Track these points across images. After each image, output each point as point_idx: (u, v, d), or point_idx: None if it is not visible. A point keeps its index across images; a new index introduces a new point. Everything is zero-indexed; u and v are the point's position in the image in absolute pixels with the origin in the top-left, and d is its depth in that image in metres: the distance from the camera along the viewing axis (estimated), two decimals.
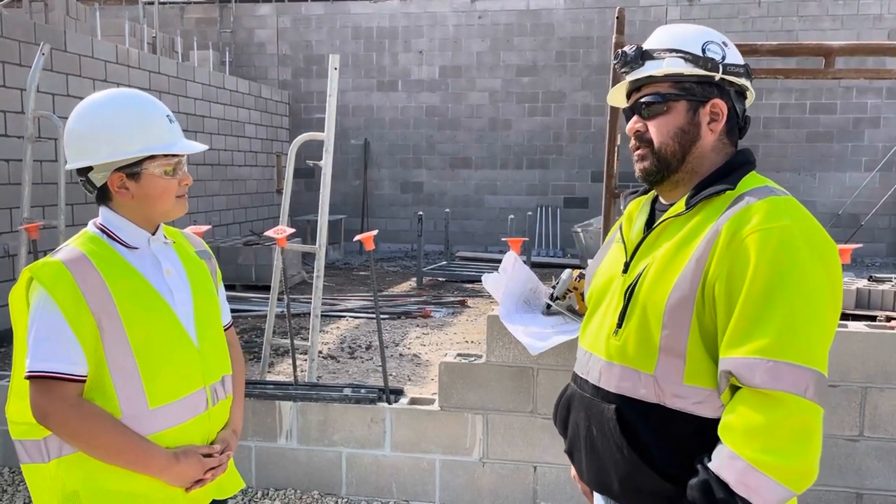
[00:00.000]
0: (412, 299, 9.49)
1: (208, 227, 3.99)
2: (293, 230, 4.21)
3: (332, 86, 4.51)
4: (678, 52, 1.58)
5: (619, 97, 1.74)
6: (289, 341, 4.30)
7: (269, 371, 5.25)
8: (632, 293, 1.56)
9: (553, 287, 3.49)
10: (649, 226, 1.66)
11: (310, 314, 4.68)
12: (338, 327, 8.04)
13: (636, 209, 1.74)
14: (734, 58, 1.61)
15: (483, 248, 14.19)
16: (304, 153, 7.90)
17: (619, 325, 1.58)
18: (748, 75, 1.61)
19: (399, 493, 3.72)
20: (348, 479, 3.76)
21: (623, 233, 1.70)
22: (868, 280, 6.88)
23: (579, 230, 11.66)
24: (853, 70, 4.09)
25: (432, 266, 11.82)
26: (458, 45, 14.53)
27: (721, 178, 1.56)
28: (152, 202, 1.77)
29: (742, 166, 1.59)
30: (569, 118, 14.30)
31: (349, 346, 7.18)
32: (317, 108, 14.79)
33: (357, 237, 3.99)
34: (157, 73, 10.51)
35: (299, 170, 10.67)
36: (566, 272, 3.43)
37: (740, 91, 1.62)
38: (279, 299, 4.82)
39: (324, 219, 4.60)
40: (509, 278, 3.41)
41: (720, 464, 1.40)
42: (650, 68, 1.60)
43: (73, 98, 8.43)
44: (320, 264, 4.57)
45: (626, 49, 1.63)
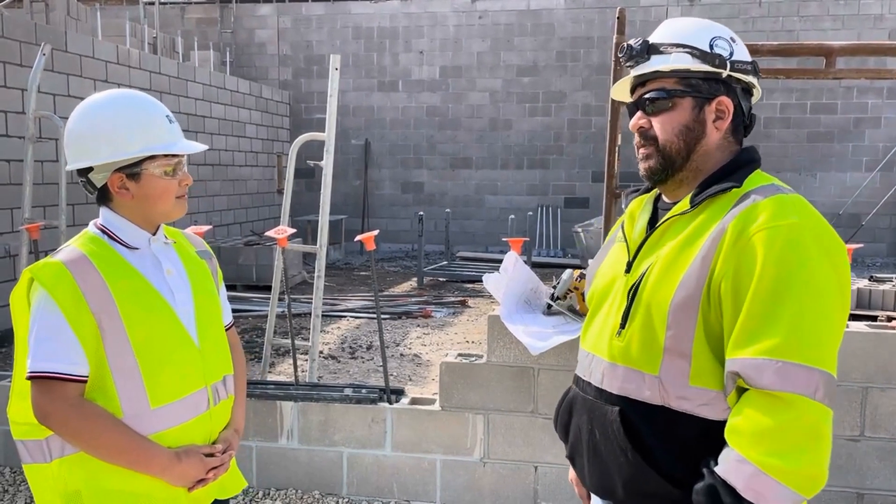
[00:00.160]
0: (413, 299, 9.49)
1: (209, 227, 4.00)
2: (294, 230, 4.21)
3: (332, 86, 4.51)
4: (685, 46, 1.54)
5: (623, 92, 1.70)
6: (290, 341, 4.30)
7: (269, 371, 5.25)
8: (635, 293, 1.53)
9: (554, 287, 3.49)
10: (652, 225, 1.63)
11: (311, 314, 4.68)
12: (338, 327, 8.04)
13: (638, 208, 1.70)
14: (742, 54, 1.57)
15: (483, 248, 14.19)
16: (304, 153, 7.90)
17: (623, 325, 1.54)
18: (755, 72, 1.57)
19: (400, 493, 3.72)
20: (349, 479, 3.76)
21: (625, 232, 1.66)
22: (869, 280, 6.89)
23: (580, 230, 11.66)
24: (854, 70, 4.08)
25: (433, 266, 11.82)
26: (458, 45, 14.53)
27: (726, 175, 1.53)
28: (152, 202, 1.77)
29: (747, 164, 1.55)
30: (569, 118, 14.30)
31: (350, 346, 7.19)
32: (317, 108, 14.80)
33: (358, 237, 3.99)
34: (158, 73, 10.52)
35: (300, 170, 10.66)
36: (567, 272, 3.43)
37: (746, 88, 1.58)
38: (280, 299, 4.82)
39: (325, 219, 4.60)
40: (510, 278, 3.41)
41: (727, 468, 1.37)
42: (656, 63, 1.56)
43: (74, 98, 8.44)
44: (321, 264, 4.57)
45: (631, 42, 1.58)
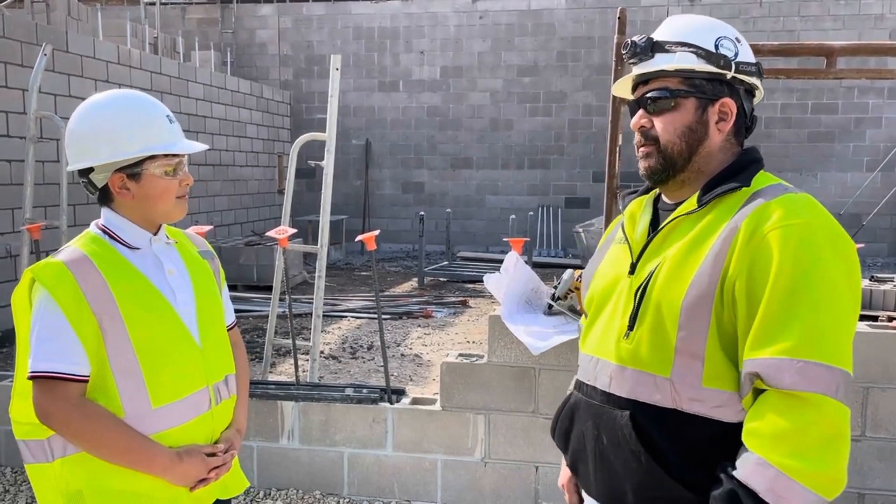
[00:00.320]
0: (414, 299, 9.49)
1: (210, 227, 4.00)
2: (295, 230, 4.21)
3: (333, 86, 4.51)
4: (690, 46, 1.52)
5: (624, 89, 1.68)
6: (290, 341, 4.30)
7: (270, 371, 5.25)
8: (643, 294, 1.50)
9: (555, 287, 3.50)
10: (654, 225, 1.61)
11: (311, 314, 4.68)
12: (339, 327, 8.04)
13: (638, 209, 1.67)
14: (746, 55, 1.55)
15: (484, 248, 14.19)
16: (305, 153, 7.90)
17: (631, 327, 1.51)
18: (759, 74, 1.56)
19: (401, 493, 3.72)
20: (350, 479, 3.76)
21: (626, 233, 1.64)
22: (870, 280, 6.87)
23: (580, 230, 11.66)
24: (855, 70, 4.08)
25: (434, 266, 11.82)
26: (459, 45, 14.54)
27: (732, 176, 1.51)
28: (153, 202, 1.77)
29: (752, 164, 1.54)
30: (570, 118, 14.30)
31: (351, 347, 7.19)
32: (318, 108, 14.80)
33: (359, 237, 3.99)
34: (159, 73, 10.52)
35: (301, 170, 10.66)
36: (568, 272, 3.43)
37: (749, 89, 1.57)
38: (281, 299, 4.82)
39: (325, 219, 4.60)
40: (511, 278, 3.41)
41: (747, 471, 1.33)
42: (660, 61, 1.54)
43: (75, 99, 8.44)
44: (322, 264, 4.57)
45: (635, 39, 1.56)
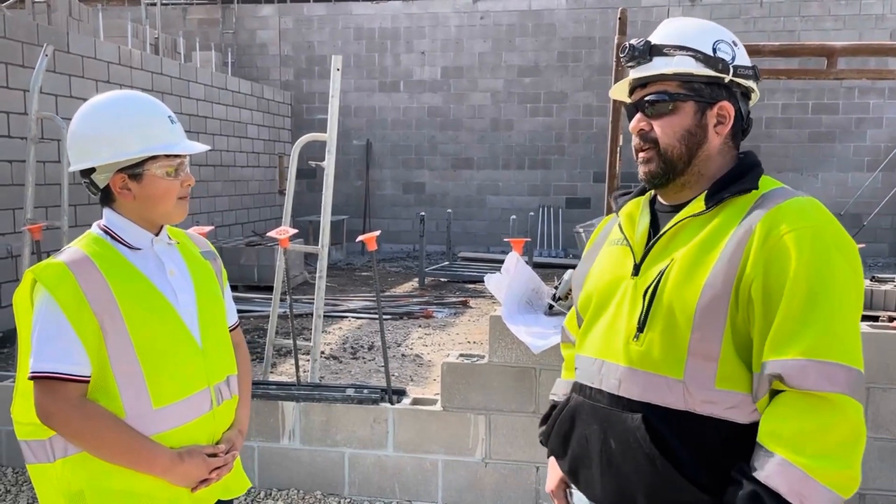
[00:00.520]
0: (414, 300, 9.49)
1: (211, 227, 4.00)
2: (295, 231, 4.21)
3: (334, 86, 4.51)
4: (688, 49, 1.53)
5: (622, 91, 1.69)
6: (291, 342, 4.31)
7: (271, 371, 5.25)
8: (653, 296, 1.49)
9: (555, 287, 3.50)
10: (654, 226, 1.61)
11: (312, 315, 4.68)
12: (340, 328, 8.04)
13: (636, 210, 1.67)
14: (743, 59, 1.56)
15: (485, 248, 14.19)
16: (306, 154, 7.87)
17: (641, 328, 1.50)
18: (756, 77, 1.57)
19: (402, 494, 3.72)
20: (351, 480, 3.76)
21: (626, 234, 1.63)
22: (870, 280, 6.87)
23: (581, 231, 11.64)
24: (855, 70, 4.09)
25: (434, 266, 11.82)
26: (459, 45, 14.54)
27: (737, 178, 1.52)
28: (154, 203, 1.77)
29: (755, 167, 1.55)
30: (571, 118, 14.30)
31: (351, 347, 7.19)
32: (319, 108, 14.81)
33: (359, 238, 3.99)
34: (160, 74, 10.53)
35: (301, 170, 10.64)
36: (568, 272, 3.43)
37: (745, 92, 1.58)
38: (281, 300, 4.82)
39: (326, 219, 4.61)
40: (511, 279, 3.42)
41: (769, 473, 1.33)
42: (659, 65, 1.54)
43: (76, 99, 8.45)
44: (323, 265, 4.57)
45: (633, 42, 1.57)
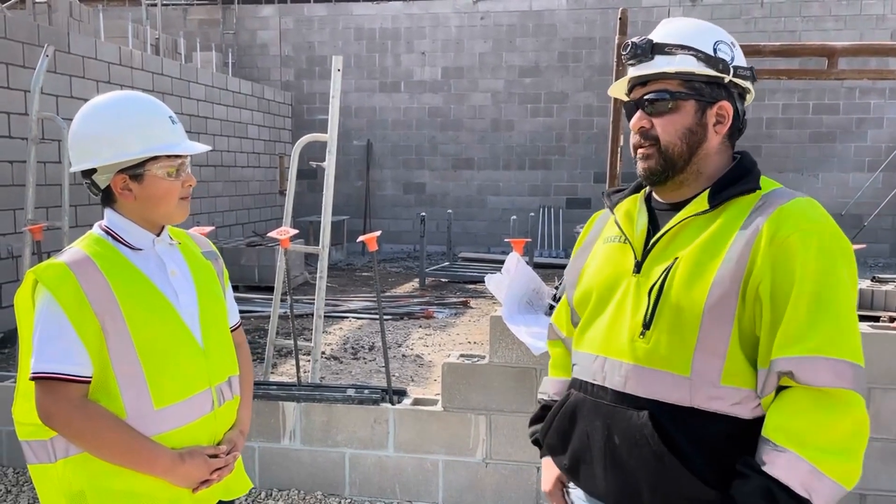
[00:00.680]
0: (415, 300, 9.49)
1: (212, 228, 4.00)
2: (296, 231, 4.22)
3: (334, 87, 4.51)
4: (690, 49, 1.55)
5: (621, 89, 1.70)
6: (292, 342, 4.31)
7: (272, 372, 5.25)
8: (660, 294, 1.51)
9: (556, 288, 3.50)
10: (653, 224, 1.62)
11: (313, 315, 4.68)
12: (341, 328, 8.05)
13: (634, 208, 1.68)
14: (741, 59, 1.59)
15: (485, 248, 14.19)
16: (306, 154, 7.88)
17: (647, 326, 1.52)
18: (753, 78, 1.60)
19: (402, 494, 3.72)
20: (352, 480, 3.77)
21: (625, 231, 1.64)
22: (871, 281, 6.87)
23: (582, 231, 11.65)
24: (856, 71, 4.09)
25: (435, 267, 11.82)
26: (460, 46, 14.54)
27: (739, 178, 1.55)
28: (155, 203, 1.77)
29: (754, 167, 1.59)
30: (571, 119, 14.30)
31: (352, 347, 7.19)
32: (319, 109, 14.81)
33: (360, 238, 3.99)
34: (161, 74, 10.53)
35: (302, 171, 10.64)
36: None
37: (741, 92, 1.61)
38: (282, 300, 4.82)
39: (327, 220, 4.61)
40: (512, 279, 3.42)
41: (779, 467, 1.37)
42: (660, 64, 1.56)
43: (77, 99, 8.45)
44: (323, 265, 4.57)
45: (636, 40, 1.59)
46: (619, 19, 3.89)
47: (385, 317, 8.15)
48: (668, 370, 1.50)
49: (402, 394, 3.85)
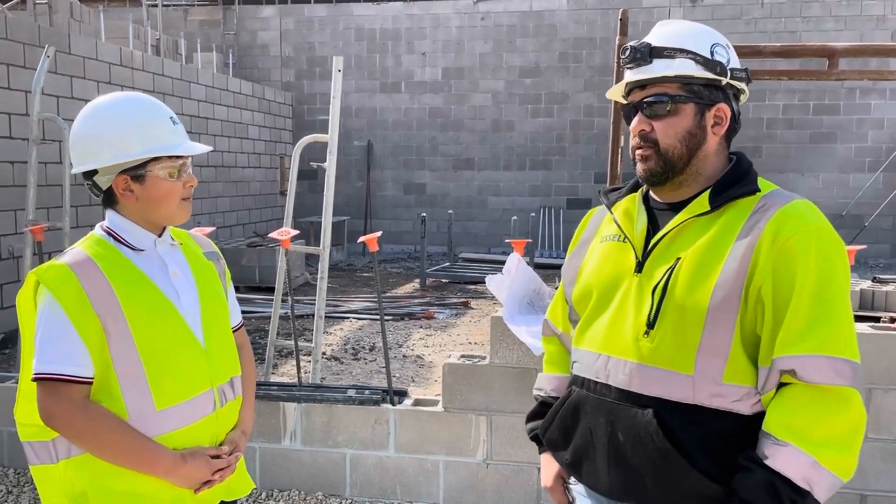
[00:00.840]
0: (415, 301, 9.49)
1: (212, 228, 4.00)
2: (297, 232, 4.22)
3: (335, 87, 4.52)
4: (688, 52, 1.57)
5: (618, 92, 1.72)
6: (293, 342, 4.31)
7: (272, 372, 5.25)
8: (664, 293, 1.53)
9: (556, 288, 3.49)
10: (652, 223, 1.64)
11: (313, 315, 4.69)
12: (341, 329, 8.05)
13: (632, 207, 1.69)
14: (736, 62, 1.61)
15: (486, 249, 14.18)
16: (307, 155, 7.88)
17: (651, 325, 1.54)
18: (747, 79, 1.63)
19: (403, 494, 3.72)
20: (352, 480, 3.77)
21: (625, 231, 1.65)
22: (872, 281, 6.87)
23: None
24: (856, 71, 4.09)
25: (435, 267, 11.82)
26: (460, 46, 14.55)
27: (738, 179, 1.58)
28: (156, 204, 1.77)
29: (751, 169, 1.61)
30: (572, 119, 14.30)
31: (353, 348, 7.19)
32: (320, 109, 14.81)
33: (361, 239, 4.00)
34: (161, 75, 10.53)
35: (303, 171, 10.62)
36: None
37: (736, 94, 1.63)
38: (283, 301, 4.83)
39: (328, 220, 4.61)
40: (513, 279, 3.42)
41: (782, 461, 1.41)
42: (659, 67, 1.58)
43: (78, 100, 8.46)
44: (324, 266, 4.57)
45: (634, 44, 1.60)
46: (620, 20, 3.89)
47: (386, 317, 8.16)
48: (671, 369, 1.52)
49: (402, 394, 3.85)
